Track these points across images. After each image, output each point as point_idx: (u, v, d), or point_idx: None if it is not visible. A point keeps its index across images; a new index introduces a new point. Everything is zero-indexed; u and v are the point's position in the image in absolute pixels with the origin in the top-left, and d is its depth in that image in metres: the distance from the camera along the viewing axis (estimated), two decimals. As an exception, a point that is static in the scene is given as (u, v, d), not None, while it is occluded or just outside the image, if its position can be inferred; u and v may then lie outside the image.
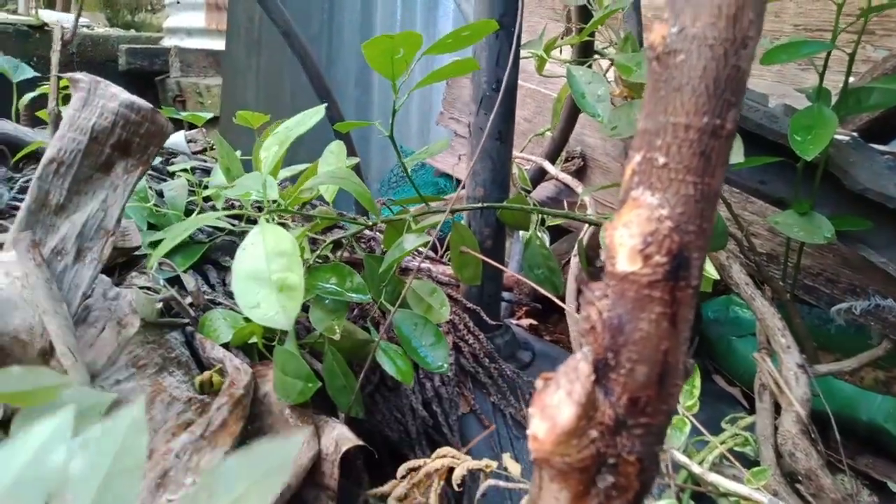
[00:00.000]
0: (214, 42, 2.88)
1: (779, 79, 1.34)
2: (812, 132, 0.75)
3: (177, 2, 3.13)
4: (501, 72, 0.84)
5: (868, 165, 0.83)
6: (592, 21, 0.90)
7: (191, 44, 2.94)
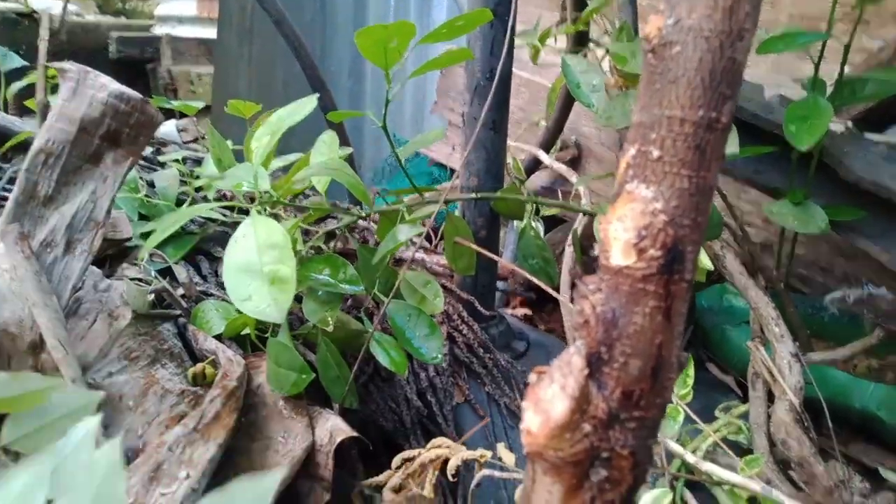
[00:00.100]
0: (206, 30, 2.85)
1: (774, 68, 1.33)
2: (807, 122, 0.75)
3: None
4: (495, 61, 0.83)
5: (862, 155, 0.83)
6: (587, 10, 0.89)
7: (182, 32, 2.91)
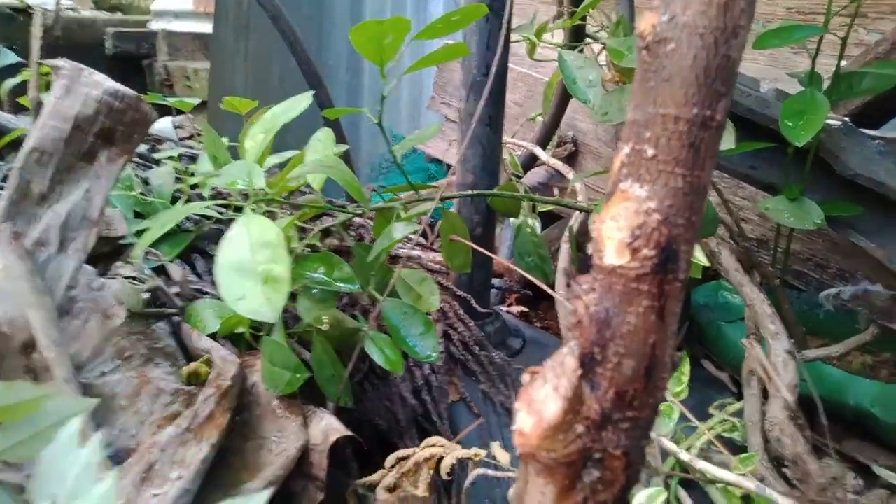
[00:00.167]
0: (203, 25, 2.84)
1: (771, 62, 1.33)
2: (803, 118, 0.75)
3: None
4: (491, 56, 0.82)
5: (859, 151, 0.82)
6: (584, 4, 0.89)
7: (178, 27, 2.89)
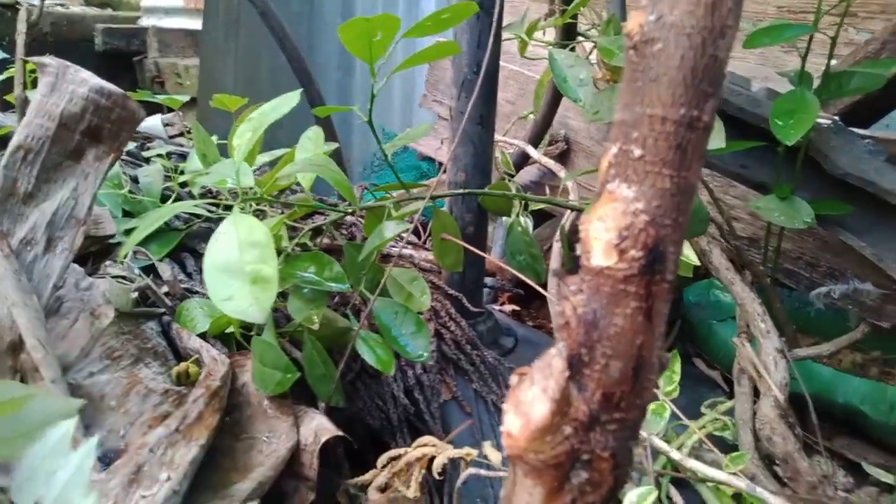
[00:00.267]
0: (194, 21, 2.82)
1: (762, 61, 1.33)
2: (794, 117, 0.75)
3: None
4: (482, 55, 0.82)
5: (848, 150, 0.83)
6: (575, 3, 0.88)
7: (169, 23, 2.87)
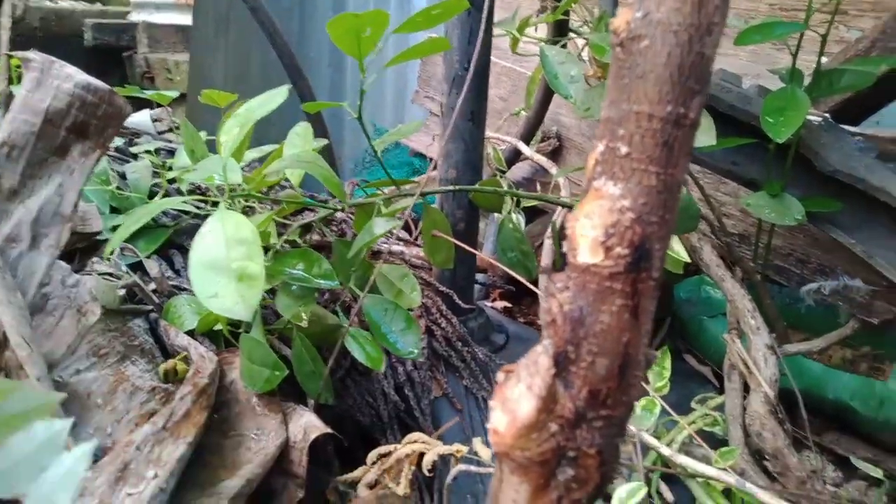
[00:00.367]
0: (184, 17, 2.80)
1: (753, 58, 1.33)
2: (784, 114, 0.75)
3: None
4: (474, 50, 0.82)
5: (839, 147, 0.83)
6: (566, -1, 0.88)
7: (159, 19, 2.85)
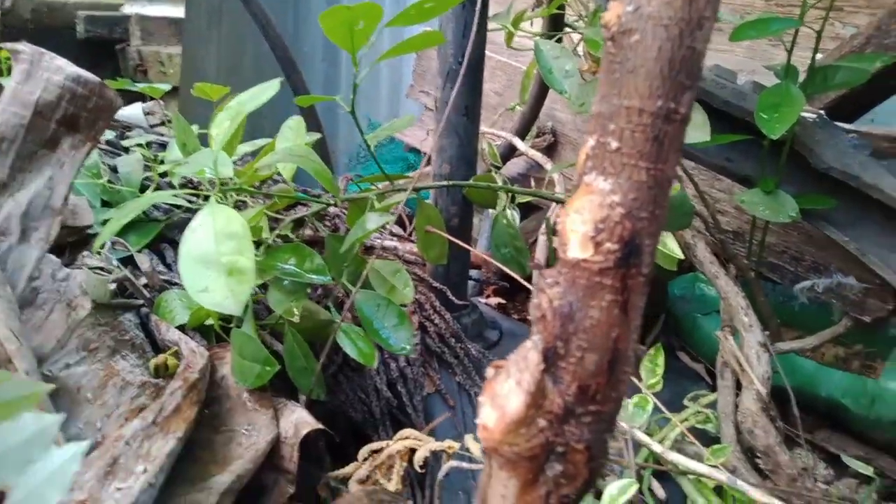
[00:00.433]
0: (177, 9, 2.78)
1: (750, 54, 1.33)
2: (779, 110, 0.75)
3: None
4: (468, 44, 0.81)
5: (833, 144, 0.83)
6: (561, -7, 0.88)
7: (152, 11, 2.83)
